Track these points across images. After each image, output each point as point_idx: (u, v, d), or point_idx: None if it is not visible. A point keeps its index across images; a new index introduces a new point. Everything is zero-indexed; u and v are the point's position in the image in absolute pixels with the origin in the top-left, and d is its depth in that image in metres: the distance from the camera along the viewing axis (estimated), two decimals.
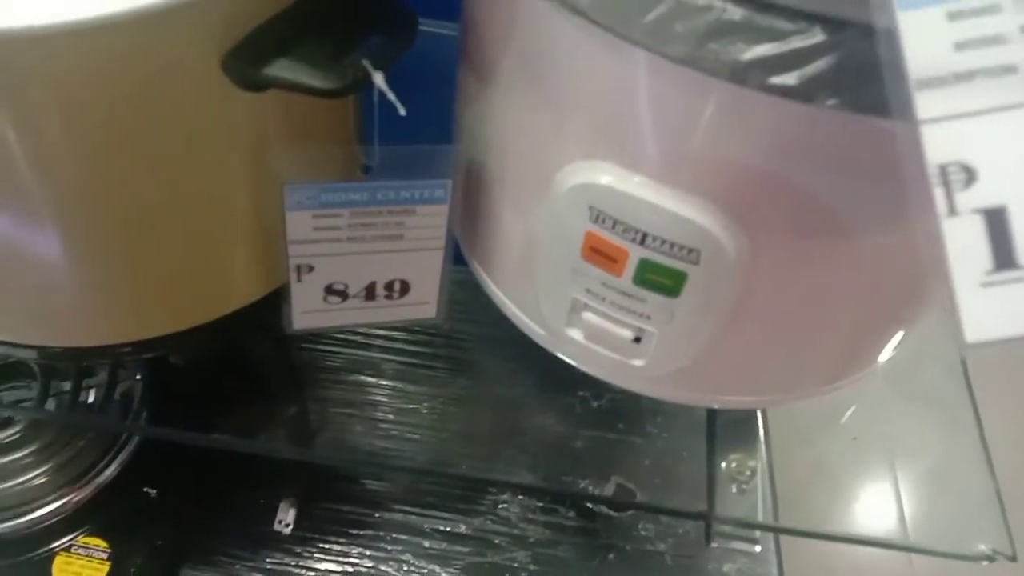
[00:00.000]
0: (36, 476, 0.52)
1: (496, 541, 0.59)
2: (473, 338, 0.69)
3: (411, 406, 0.64)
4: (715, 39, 0.25)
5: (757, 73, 0.25)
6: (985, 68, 0.20)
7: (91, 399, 0.55)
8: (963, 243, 0.20)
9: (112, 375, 0.54)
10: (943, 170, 0.20)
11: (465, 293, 0.64)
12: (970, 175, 0.20)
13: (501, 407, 0.66)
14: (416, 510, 0.59)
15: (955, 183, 0.20)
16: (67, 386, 0.53)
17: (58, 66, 0.28)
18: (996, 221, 0.20)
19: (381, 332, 0.67)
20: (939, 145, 0.20)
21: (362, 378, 0.65)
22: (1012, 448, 0.48)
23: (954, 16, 0.20)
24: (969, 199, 0.20)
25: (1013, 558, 0.41)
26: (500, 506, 0.61)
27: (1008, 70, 0.20)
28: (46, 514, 0.50)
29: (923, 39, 0.20)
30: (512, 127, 0.35)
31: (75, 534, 0.50)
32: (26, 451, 0.51)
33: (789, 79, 0.25)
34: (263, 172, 0.34)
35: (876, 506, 0.48)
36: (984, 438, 0.46)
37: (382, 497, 0.60)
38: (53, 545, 0.50)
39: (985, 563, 0.41)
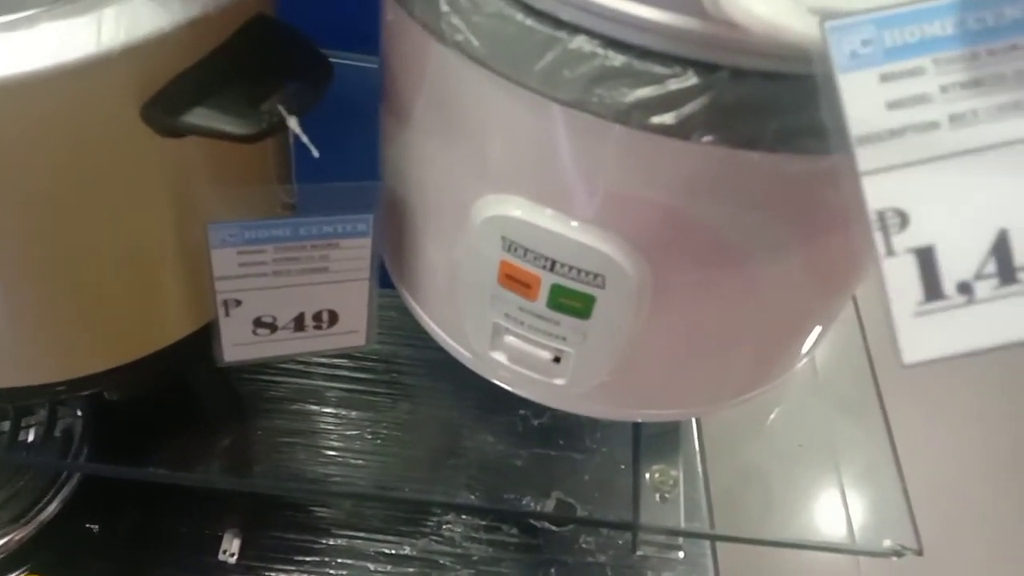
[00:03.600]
0: None
1: (441, 561, 0.60)
2: (414, 362, 0.71)
3: (353, 432, 0.65)
4: (600, 84, 0.28)
5: (639, 114, 0.27)
6: (913, 124, 0.22)
7: (31, 438, 0.55)
8: (899, 279, 0.22)
9: (51, 413, 0.54)
10: (881, 216, 0.22)
11: (405, 318, 0.65)
12: (903, 219, 0.22)
13: (444, 429, 0.67)
14: (361, 534, 0.60)
15: (892, 227, 0.22)
16: (6, 426, 0.53)
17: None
18: (926, 259, 0.23)
19: (322, 360, 0.68)
20: (877, 194, 0.22)
21: (304, 406, 0.65)
22: (920, 449, 0.51)
23: (886, 78, 0.22)
24: (903, 240, 0.22)
25: (919, 552, 0.43)
26: (444, 526, 0.62)
27: (932, 126, 0.22)
28: None
29: (860, 100, 0.22)
30: (429, 163, 0.37)
31: (17, 572, 0.50)
32: None
33: (667, 119, 0.27)
34: (188, 212, 0.36)
35: (806, 511, 0.50)
36: (892, 440, 0.48)
37: (327, 523, 0.60)
38: None
39: (894, 558, 0.44)
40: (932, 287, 0.23)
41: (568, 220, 0.33)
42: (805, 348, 0.44)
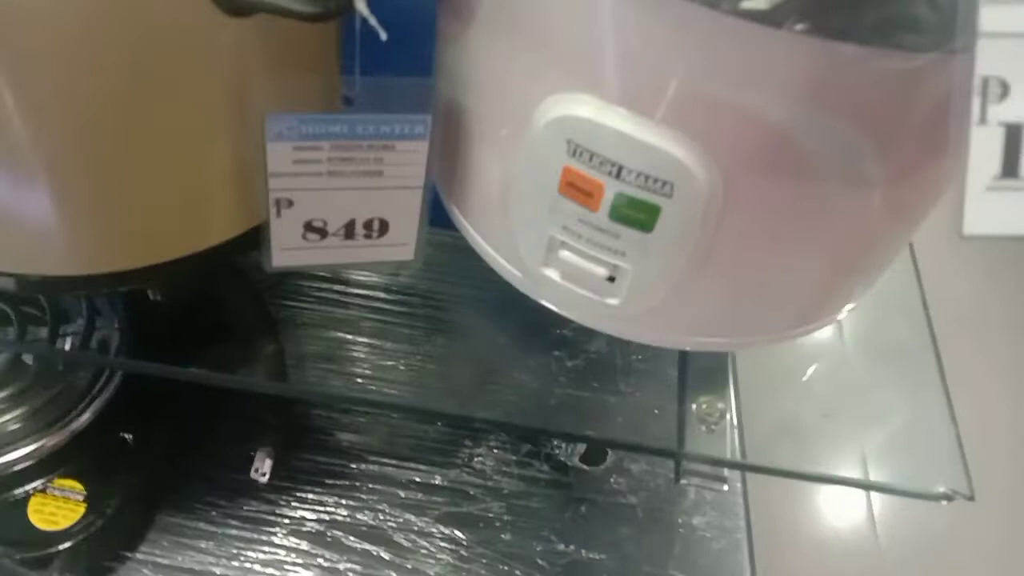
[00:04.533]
0: (9, 421, 0.52)
1: (471, 492, 0.60)
2: (450, 299, 0.70)
3: (388, 363, 0.64)
4: None
5: None
6: None
7: (67, 347, 0.55)
8: (983, 149, 0.22)
9: (89, 322, 0.54)
10: (985, 81, 0.21)
11: (443, 255, 0.64)
12: (1005, 91, 0.21)
13: (477, 365, 0.67)
14: (392, 461, 0.60)
15: (992, 95, 0.22)
16: (43, 332, 0.53)
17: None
18: (1013, 135, 0.22)
19: (359, 290, 0.68)
20: (988, 58, 0.21)
21: (339, 335, 0.65)
22: (975, 399, 0.50)
23: None
24: (998, 112, 0.22)
25: (971, 498, 0.42)
26: (475, 459, 0.61)
27: None
28: (20, 457, 0.50)
29: None
30: (491, 64, 0.36)
31: (50, 476, 0.50)
32: (5, 393, 0.51)
33: (760, 3, 0.26)
34: (245, 103, 0.34)
35: (840, 457, 0.49)
36: (947, 388, 0.47)
37: (358, 449, 0.60)
38: (28, 487, 0.50)
39: (944, 503, 0.42)
40: (1011, 165, 0.23)
41: (640, 120, 0.31)
42: (864, 285, 0.42)
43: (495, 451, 0.62)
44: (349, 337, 0.65)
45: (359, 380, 0.62)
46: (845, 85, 0.29)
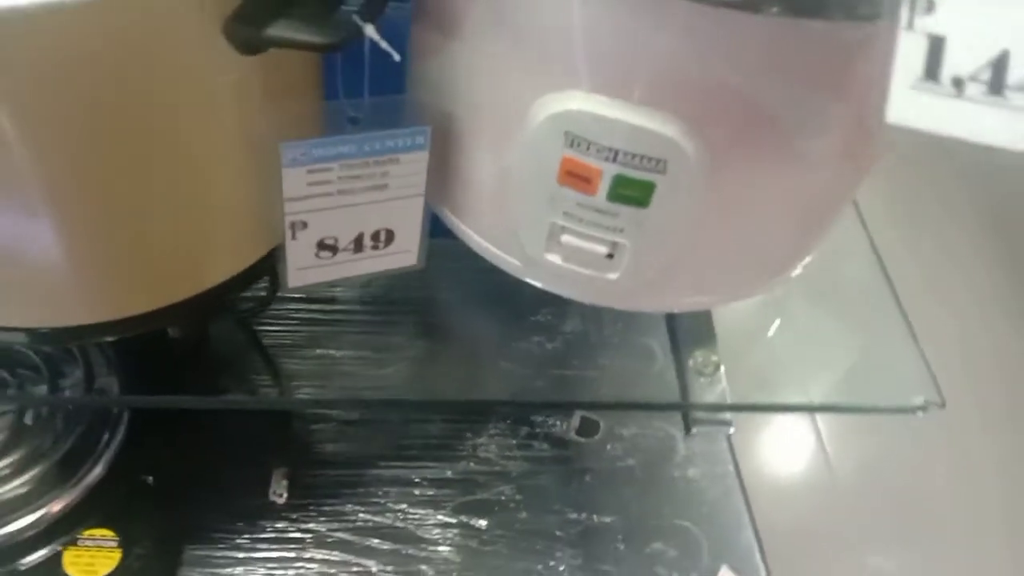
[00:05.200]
0: (23, 484, 0.52)
1: (481, 480, 0.62)
2: (422, 302, 0.72)
3: (378, 371, 0.66)
4: None
5: None
6: None
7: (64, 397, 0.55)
8: (908, 53, 0.26)
9: (87, 371, 0.54)
10: None
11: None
12: (931, 5, 0.25)
13: (463, 360, 0.69)
14: (401, 463, 0.62)
15: (919, 7, 0.25)
16: (43, 389, 0.53)
17: (64, 40, 0.29)
18: (936, 46, 0.26)
19: (338, 307, 0.69)
20: None
21: (327, 351, 0.67)
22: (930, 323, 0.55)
23: None
24: (924, 23, 0.26)
25: (942, 405, 0.47)
26: (479, 449, 0.64)
27: None
28: (40, 518, 0.50)
29: None
30: (479, 72, 0.39)
31: (78, 529, 0.51)
32: (12, 458, 0.51)
33: None
34: (254, 134, 0.36)
35: (819, 389, 0.54)
36: (904, 312, 0.52)
37: (367, 456, 0.62)
38: (57, 543, 0.50)
39: (920, 413, 0.48)
40: (932, 70, 0.27)
41: (632, 107, 0.35)
42: (824, 235, 0.47)
43: (496, 438, 0.65)
44: (335, 353, 0.67)
45: (355, 389, 0.64)
46: (814, 58, 0.33)
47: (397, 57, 0.33)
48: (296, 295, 0.68)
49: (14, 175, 0.33)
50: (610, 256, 0.41)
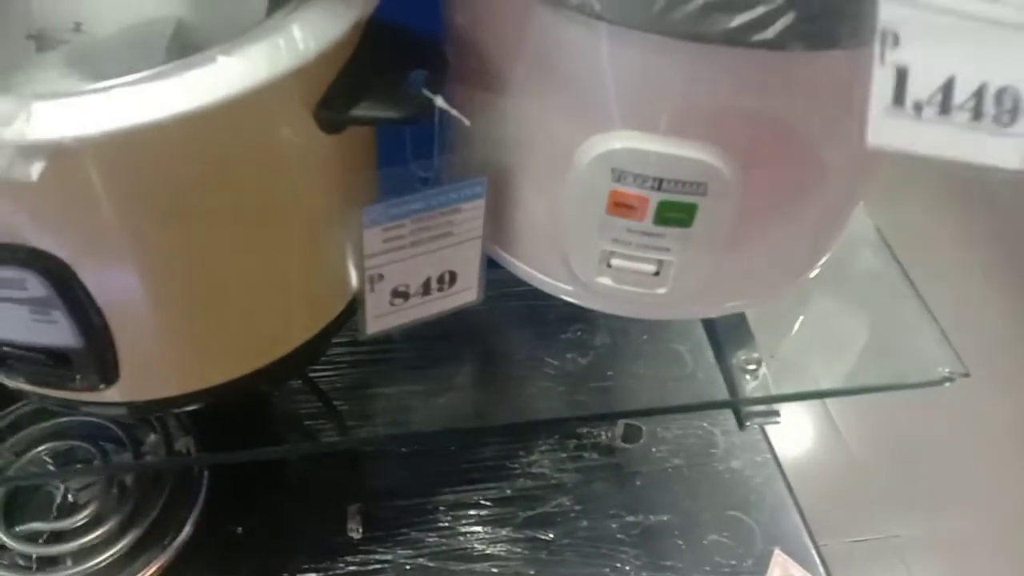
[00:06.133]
0: (120, 548, 0.55)
1: (539, 494, 0.66)
2: (461, 334, 0.76)
3: (429, 402, 0.70)
4: (707, 15, 0.33)
5: (743, 34, 0.34)
6: None
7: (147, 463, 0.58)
8: (881, 83, 0.31)
9: (165, 435, 0.57)
10: (883, 31, 0.30)
11: None
12: (896, 40, 0.30)
13: (506, 383, 0.73)
14: (463, 487, 0.66)
15: (888, 43, 0.30)
16: (128, 457, 0.56)
17: (184, 144, 0.33)
18: (901, 75, 0.31)
19: (382, 346, 0.73)
20: (885, 14, 0.30)
21: (379, 390, 0.70)
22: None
23: None
24: (892, 56, 0.30)
25: (967, 374, 0.51)
26: (533, 465, 0.68)
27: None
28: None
29: None
30: (527, 122, 0.43)
31: None
32: (106, 527, 0.54)
33: (768, 34, 0.34)
34: (336, 202, 0.40)
35: (849, 372, 0.58)
36: (919, 293, 0.57)
37: (429, 485, 0.66)
38: None
39: (947, 384, 0.52)
40: (899, 97, 0.31)
41: (675, 140, 0.39)
42: (841, 233, 0.51)
43: (547, 453, 0.69)
44: (385, 390, 0.70)
45: (410, 422, 0.68)
46: (833, 79, 0.37)
47: (467, 123, 0.37)
48: (342, 340, 0.72)
49: (121, 260, 0.37)
50: (657, 273, 0.45)
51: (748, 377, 0.52)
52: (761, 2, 0.33)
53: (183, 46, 0.42)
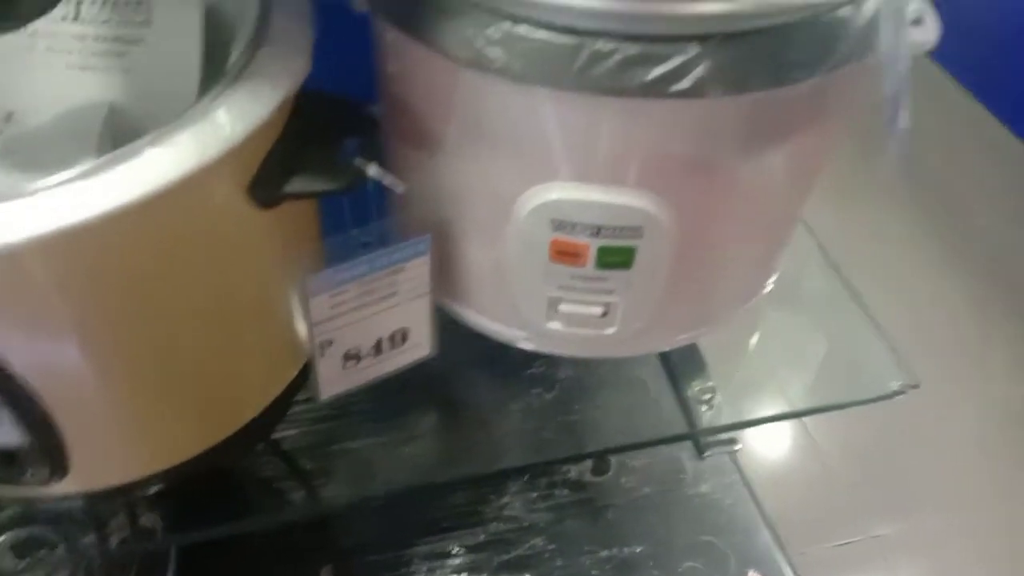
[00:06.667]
0: None
1: (512, 537, 0.66)
2: (423, 379, 0.76)
3: (396, 452, 0.69)
4: (625, 71, 0.35)
5: (661, 87, 0.35)
6: None
7: (113, 545, 0.57)
8: None
9: (130, 512, 0.57)
10: None
11: None
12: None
13: (472, 425, 0.73)
14: (436, 537, 0.65)
15: None
16: (92, 539, 0.55)
17: (119, 238, 0.33)
18: None
19: (344, 400, 0.72)
20: None
21: (343, 446, 0.70)
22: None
23: None
24: None
25: (917, 385, 0.53)
26: (505, 508, 0.68)
27: None
28: None
29: None
30: (466, 178, 0.43)
31: None
32: None
33: (684, 84, 0.35)
34: (280, 273, 0.40)
35: (802, 393, 0.59)
36: (864, 307, 0.58)
37: (402, 537, 0.65)
38: None
39: (898, 397, 0.53)
40: None
41: (608, 188, 0.40)
42: (785, 255, 0.52)
43: (518, 495, 0.69)
44: (350, 445, 0.70)
45: (377, 475, 0.67)
46: (753, 119, 0.38)
47: (401, 189, 0.37)
48: (303, 396, 0.72)
49: (63, 354, 0.36)
50: (605, 314, 0.46)
51: (704, 407, 0.52)
52: (675, 54, 0.34)
53: (116, 130, 0.43)
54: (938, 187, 1.72)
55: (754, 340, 0.57)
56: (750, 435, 1.30)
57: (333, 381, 0.46)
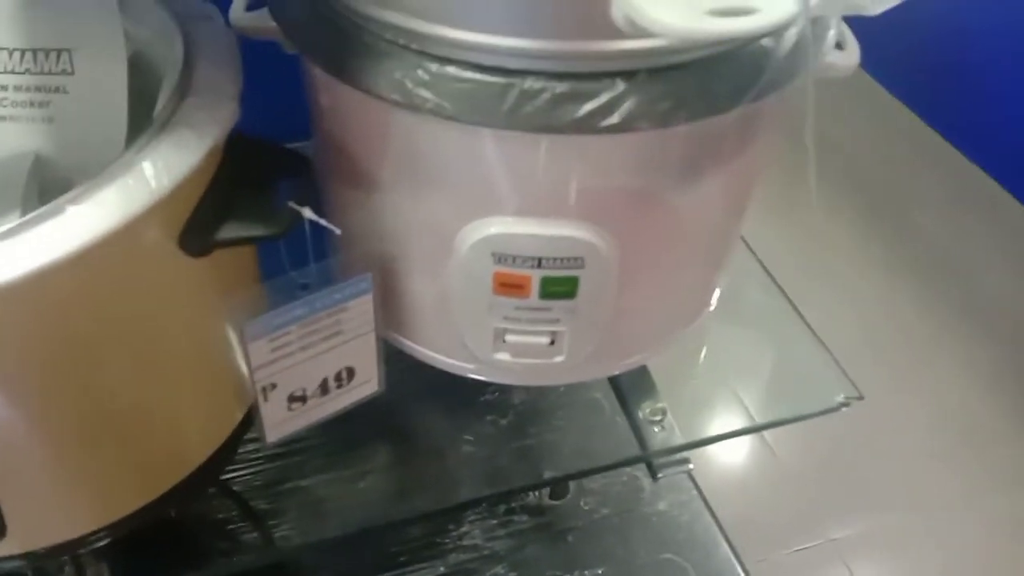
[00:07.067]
0: None
1: (473, 567, 0.66)
2: (375, 411, 0.75)
3: (350, 487, 0.69)
4: (555, 108, 0.35)
5: (591, 122, 0.35)
6: None
7: None
8: None
9: (76, 564, 0.55)
10: None
11: None
12: None
13: (427, 455, 0.72)
14: (395, 571, 0.65)
15: None
16: None
17: (49, 296, 0.32)
18: None
19: (294, 437, 0.71)
20: None
21: (296, 483, 0.69)
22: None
23: None
24: None
25: (861, 397, 0.54)
26: (464, 537, 0.67)
27: None
28: None
29: None
30: (406, 215, 0.43)
31: None
32: None
33: (613, 119, 0.35)
34: (218, 319, 0.40)
35: (749, 404, 0.60)
36: (805, 320, 0.59)
37: (361, 571, 0.64)
38: None
39: (843, 409, 0.54)
40: None
41: (547, 221, 0.40)
42: (727, 274, 0.53)
43: (477, 523, 0.68)
44: (304, 483, 0.69)
45: (333, 512, 0.66)
46: (684, 150, 0.39)
47: (338, 231, 0.37)
48: (252, 436, 0.70)
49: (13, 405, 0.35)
50: (552, 343, 0.46)
51: (656, 428, 0.53)
52: (603, 91, 0.35)
53: (44, 181, 0.42)
54: (876, 190, 1.76)
55: (701, 358, 0.58)
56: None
57: (279, 424, 0.45)
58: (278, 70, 0.43)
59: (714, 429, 0.55)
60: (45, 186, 0.42)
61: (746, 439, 1.42)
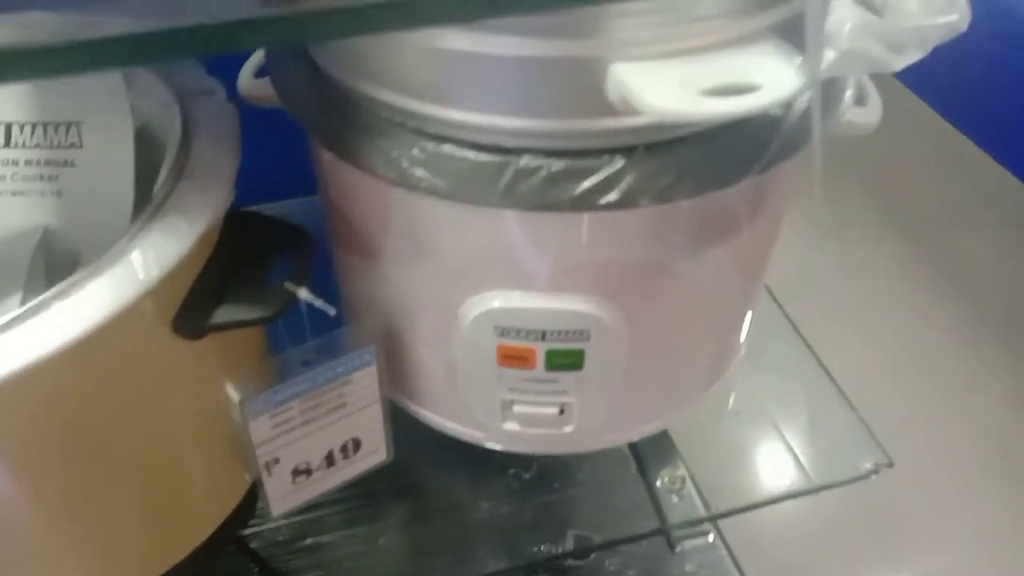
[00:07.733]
0: None
1: None
2: (394, 466, 0.74)
3: (370, 545, 0.68)
4: (552, 186, 0.34)
5: (589, 200, 0.34)
6: None
7: None
8: None
9: None
10: None
11: None
12: None
13: (449, 511, 0.71)
14: None
15: None
16: None
17: (44, 384, 0.32)
18: None
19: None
20: None
21: (316, 540, 0.68)
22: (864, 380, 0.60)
23: None
24: None
25: (891, 464, 0.51)
26: None
27: None
28: None
29: None
30: (410, 288, 0.43)
31: None
32: None
33: (612, 196, 0.34)
34: (216, 400, 0.39)
35: (776, 471, 0.58)
36: (833, 379, 0.57)
37: None
38: None
39: (873, 476, 0.51)
40: None
41: (550, 295, 0.39)
42: (747, 326, 0.51)
43: None
44: (325, 539, 0.68)
45: (354, 569, 0.66)
46: (688, 224, 0.37)
47: (332, 312, 0.36)
48: None
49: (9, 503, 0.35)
50: (561, 413, 0.45)
51: (675, 497, 0.51)
52: (602, 167, 0.34)
53: (51, 254, 0.42)
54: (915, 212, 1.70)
55: (724, 422, 0.56)
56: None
57: (284, 497, 0.45)
58: (288, 123, 0.43)
59: (736, 500, 0.52)
60: (52, 260, 0.42)
61: (784, 473, 1.37)
